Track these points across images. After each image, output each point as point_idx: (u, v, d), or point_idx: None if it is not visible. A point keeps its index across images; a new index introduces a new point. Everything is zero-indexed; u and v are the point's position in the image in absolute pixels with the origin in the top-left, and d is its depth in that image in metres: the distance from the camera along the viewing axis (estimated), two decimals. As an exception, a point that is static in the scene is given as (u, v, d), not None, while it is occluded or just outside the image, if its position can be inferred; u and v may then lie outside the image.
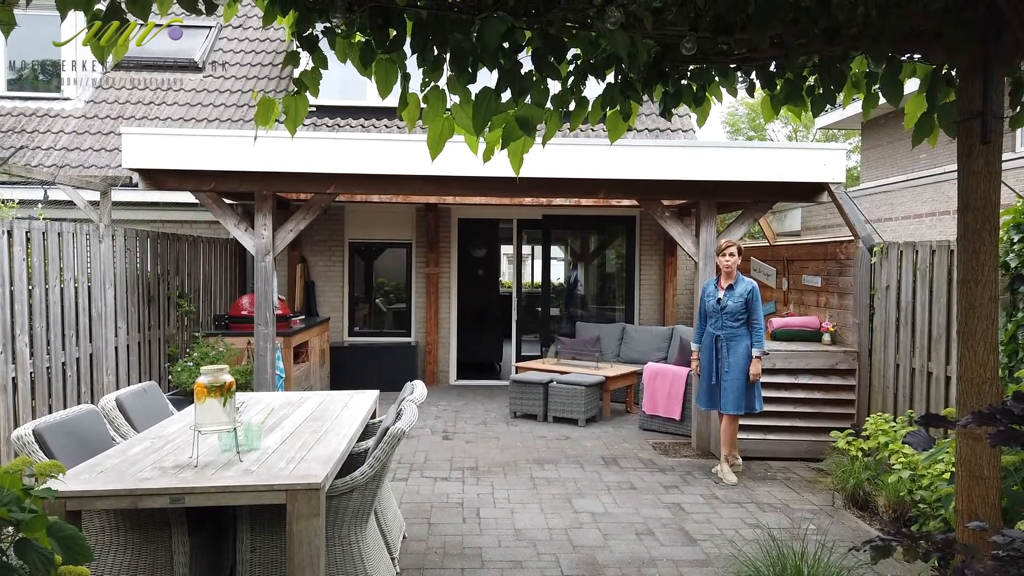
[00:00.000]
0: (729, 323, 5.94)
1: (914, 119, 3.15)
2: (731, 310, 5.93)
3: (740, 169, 6.82)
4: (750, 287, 5.95)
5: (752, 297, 5.92)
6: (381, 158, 6.69)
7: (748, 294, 5.91)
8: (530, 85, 2.76)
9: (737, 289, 5.95)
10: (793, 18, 2.67)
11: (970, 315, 2.78)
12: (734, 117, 31.42)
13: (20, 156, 9.69)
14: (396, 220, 10.73)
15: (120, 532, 3.33)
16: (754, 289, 5.95)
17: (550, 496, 5.57)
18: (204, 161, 6.60)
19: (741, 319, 5.91)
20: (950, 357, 5.45)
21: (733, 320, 5.93)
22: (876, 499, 5.09)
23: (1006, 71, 2.80)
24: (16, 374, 5.30)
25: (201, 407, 3.26)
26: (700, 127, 3.45)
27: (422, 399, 4.30)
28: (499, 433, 7.62)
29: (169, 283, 7.91)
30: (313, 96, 2.88)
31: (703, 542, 4.68)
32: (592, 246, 12.08)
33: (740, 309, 5.91)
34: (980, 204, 2.75)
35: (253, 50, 11.91)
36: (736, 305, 5.91)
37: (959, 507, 2.83)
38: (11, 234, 5.28)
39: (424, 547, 4.55)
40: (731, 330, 5.94)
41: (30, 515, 1.79)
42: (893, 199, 12.88)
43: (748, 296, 5.91)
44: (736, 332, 5.93)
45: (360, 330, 10.83)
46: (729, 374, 5.93)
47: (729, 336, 5.95)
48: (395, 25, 2.65)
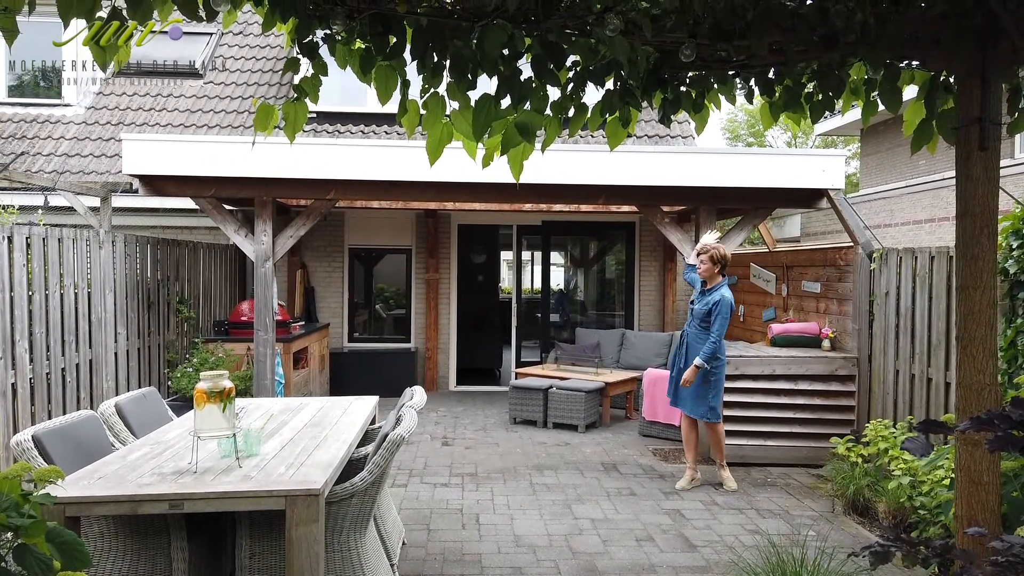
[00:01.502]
0: (695, 324, 5.94)
1: (913, 126, 3.16)
2: (697, 314, 5.93)
3: (739, 175, 6.84)
4: (717, 299, 5.77)
5: (715, 310, 5.75)
6: (381, 164, 6.70)
7: (713, 305, 5.78)
8: (529, 91, 2.77)
9: (708, 296, 5.89)
10: (791, 25, 2.68)
11: (969, 321, 2.78)
12: (734, 124, 31.46)
13: (21, 162, 9.71)
14: (396, 226, 10.75)
15: (119, 538, 3.32)
16: (721, 302, 5.74)
17: (550, 502, 5.56)
18: (204, 167, 6.61)
19: (705, 324, 5.87)
20: (949, 363, 5.45)
21: (699, 324, 5.91)
22: (876, 505, 5.08)
23: (1004, 77, 2.81)
24: (16, 380, 5.30)
25: (201, 413, 3.26)
26: (699, 134, 3.46)
27: (422, 405, 4.30)
28: (499, 439, 7.61)
29: (169, 289, 7.91)
30: (313, 102, 2.89)
31: (703, 548, 4.68)
32: (592, 252, 12.09)
33: (703, 315, 5.87)
34: (979, 210, 2.76)
35: (254, 56, 11.95)
36: (701, 310, 5.88)
37: (959, 513, 2.82)
38: (11, 240, 5.28)
39: (424, 553, 4.54)
40: (695, 332, 5.93)
41: (29, 521, 1.80)
42: (892, 205, 12.90)
43: (711, 307, 5.80)
44: (698, 335, 5.90)
45: (360, 336, 10.83)
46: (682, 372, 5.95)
47: (692, 337, 5.95)
48: (395, 32, 2.66)
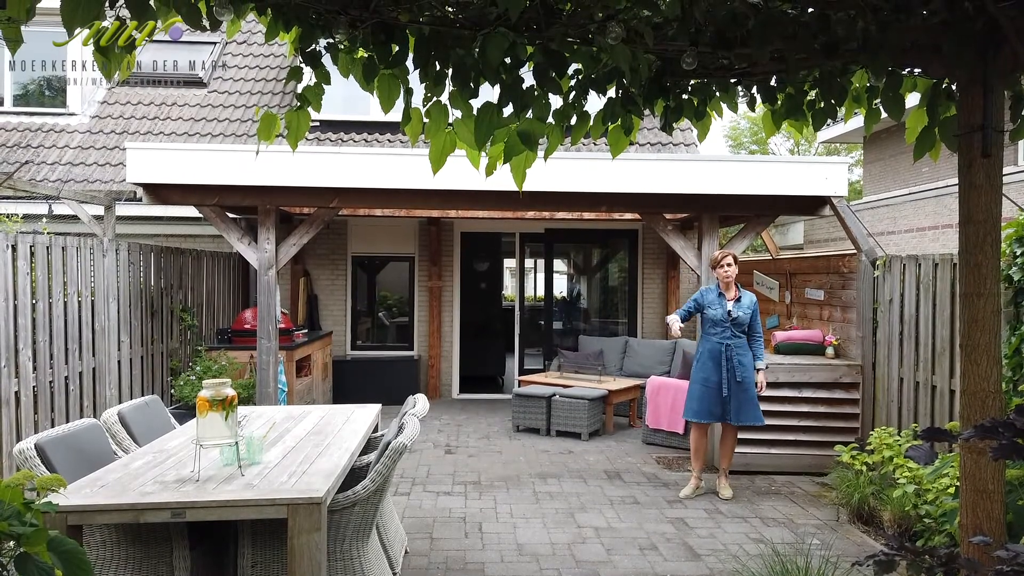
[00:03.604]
0: (738, 334, 5.91)
1: (915, 133, 3.16)
2: (742, 321, 5.89)
3: (742, 183, 6.83)
4: (754, 298, 6.01)
5: (755, 308, 5.98)
6: (384, 172, 6.71)
7: (755, 305, 5.97)
8: (532, 100, 2.78)
9: (744, 300, 5.94)
10: (793, 33, 2.69)
11: (973, 328, 2.77)
12: (736, 131, 31.50)
13: (25, 171, 9.75)
14: (399, 234, 10.76)
15: (121, 547, 3.32)
16: (755, 301, 6.02)
17: (553, 511, 5.55)
18: (207, 175, 6.63)
19: (744, 331, 5.91)
20: (954, 370, 5.43)
21: (742, 332, 5.91)
22: (881, 514, 5.05)
23: (1006, 84, 2.81)
24: (19, 388, 5.30)
25: (203, 421, 3.26)
26: (701, 141, 3.46)
27: (424, 413, 4.29)
28: (502, 447, 7.60)
29: (172, 297, 7.93)
30: (316, 111, 2.90)
31: (707, 557, 4.66)
32: (595, 260, 12.09)
33: (748, 320, 5.91)
34: (982, 217, 2.75)
35: (257, 65, 12.00)
36: (746, 316, 5.90)
37: (963, 521, 2.81)
38: (15, 248, 5.29)
39: (426, 562, 4.53)
40: (739, 340, 5.91)
41: (31, 529, 1.79)
42: (895, 212, 12.89)
43: (755, 307, 5.97)
44: (743, 343, 5.91)
45: (362, 344, 10.83)
46: (744, 384, 5.84)
47: (739, 346, 5.89)
48: (397, 41, 2.67)
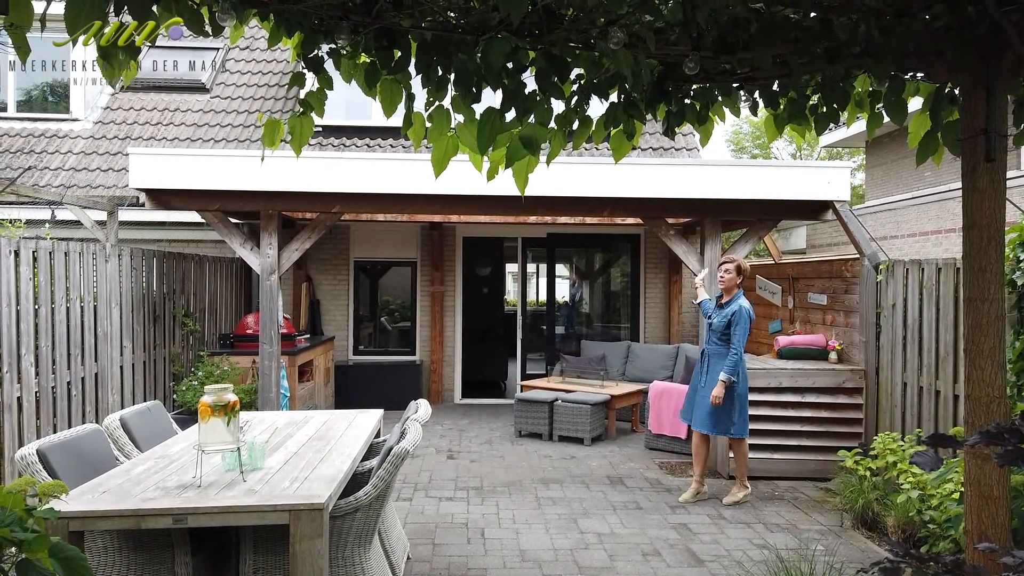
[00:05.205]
0: (714, 340, 5.89)
1: (918, 138, 3.16)
2: (716, 327, 5.87)
3: (744, 187, 6.84)
4: (735, 309, 5.74)
5: (735, 320, 5.70)
6: (386, 177, 6.72)
7: (732, 315, 5.73)
8: (534, 104, 2.78)
9: (725, 309, 5.84)
10: (795, 37, 2.69)
11: (977, 333, 2.76)
12: (738, 135, 31.49)
13: (28, 176, 9.77)
14: (401, 239, 10.77)
15: (123, 553, 3.31)
16: (739, 312, 5.71)
17: (555, 516, 5.53)
18: (210, 181, 6.64)
19: (725, 338, 5.82)
20: (958, 375, 5.40)
21: (718, 338, 5.86)
22: (885, 519, 5.03)
23: (1009, 89, 2.80)
24: (21, 393, 5.31)
25: (205, 426, 3.26)
26: (703, 146, 3.46)
27: (426, 418, 4.29)
28: (504, 452, 7.58)
29: (175, 302, 7.93)
30: (318, 116, 2.91)
31: (710, 563, 4.64)
32: (597, 264, 12.09)
33: (722, 328, 5.81)
34: (985, 222, 2.74)
35: (260, 71, 12.02)
36: (720, 324, 5.83)
37: (968, 527, 2.79)
38: (18, 254, 5.30)
39: (428, 568, 4.51)
40: (715, 347, 5.88)
41: (32, 535, 1.79)
42: (898, 217, 12.87)
43: (731, 318, 5.74)
44: (719, 350, 5.84)
45: (365, 349, 10.83)
46: (704, 390, 5.89)
47: (712, 353, 5.89)
48: (400, 46, 2.67)
